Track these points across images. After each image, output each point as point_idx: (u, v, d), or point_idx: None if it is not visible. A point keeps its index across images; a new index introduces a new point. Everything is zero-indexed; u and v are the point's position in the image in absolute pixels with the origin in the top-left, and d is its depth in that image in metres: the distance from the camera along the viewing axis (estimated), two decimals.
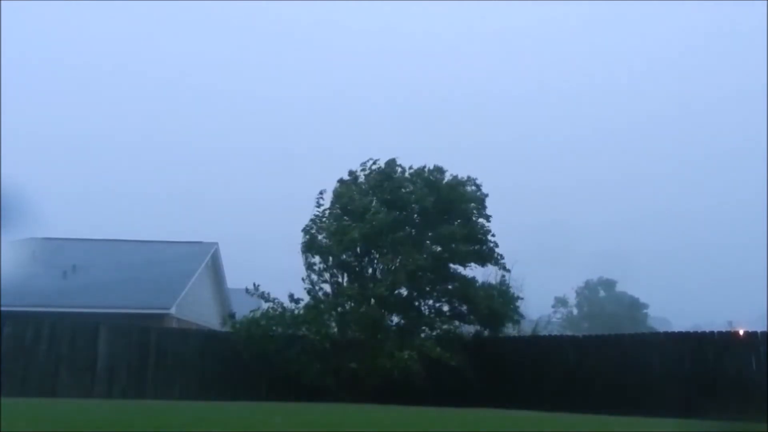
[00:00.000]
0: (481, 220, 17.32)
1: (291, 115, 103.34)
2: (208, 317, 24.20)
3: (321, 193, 17.38)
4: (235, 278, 28.33)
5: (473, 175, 17.63)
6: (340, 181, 17.68)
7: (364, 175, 17.68)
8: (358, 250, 16.66)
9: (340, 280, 16.80)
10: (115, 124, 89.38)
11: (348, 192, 17.14)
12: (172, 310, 20.16)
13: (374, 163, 17.72)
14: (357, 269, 16.79)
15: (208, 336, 18.88)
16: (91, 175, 79.88)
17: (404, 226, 16.72)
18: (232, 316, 17.55)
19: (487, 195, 17.63)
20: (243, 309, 17.56)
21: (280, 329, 16.02)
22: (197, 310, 23.26)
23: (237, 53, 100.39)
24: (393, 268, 16.31)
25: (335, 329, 15.58)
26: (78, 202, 60.59)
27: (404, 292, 16.73)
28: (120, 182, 78.83)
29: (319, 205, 17.32)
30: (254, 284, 16.71)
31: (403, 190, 17.15)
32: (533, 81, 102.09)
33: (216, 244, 26.49)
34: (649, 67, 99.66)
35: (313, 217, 17.20)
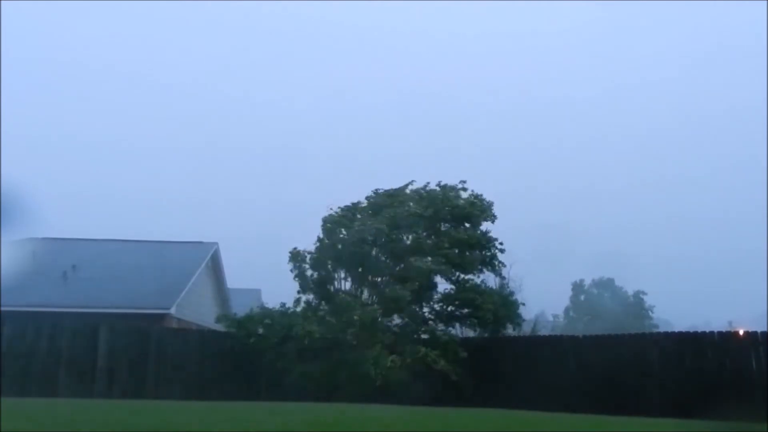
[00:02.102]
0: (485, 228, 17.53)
1: (291, 115, 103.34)
2: (208, 317, 24.19)
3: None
4: (235, 278, 28.39)
5: (474, 176, 17.85)
6: (329, 222, 17.46)
7: (359, 209, 17.75)
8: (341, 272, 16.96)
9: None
10: (115, 125, 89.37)
11: (338, 225, 17.19)
12: (172, 310, 20.15)
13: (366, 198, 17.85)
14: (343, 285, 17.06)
15: (208, 336, 18.87)
16: (91, 174, 79.90)
17: (392, 236, 16.79)
18: (225, 316, 17.82)
19: (492, 203, 17.78)
20: (243, 309, 17.60)
21: (276, 327, 16.12)
22: (197, 310, 23.25)
23: (237, 54, 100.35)
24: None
25: (332, 322, 15.65)
26: (78, 202, 60.54)
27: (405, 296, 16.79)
28: (120, 182, 78.86)
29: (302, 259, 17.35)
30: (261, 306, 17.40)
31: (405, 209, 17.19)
32: (536, 84, 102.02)
33: (216, 244, 26.49)
34: (653, 73, 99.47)
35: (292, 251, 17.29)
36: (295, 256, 17.06)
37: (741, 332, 13.83)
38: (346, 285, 17.14)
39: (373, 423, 8.95)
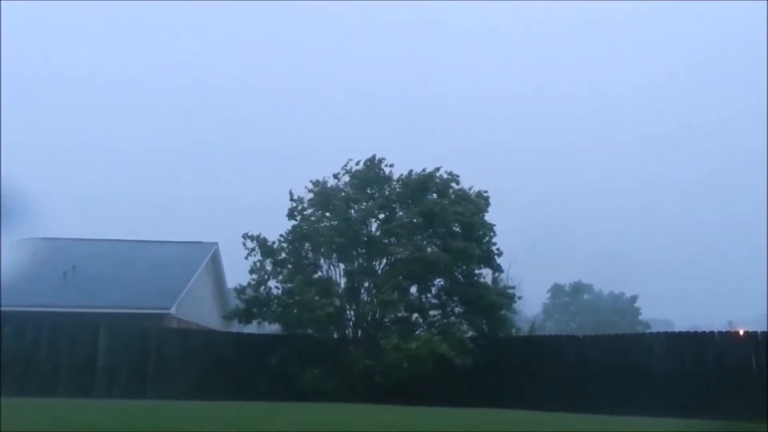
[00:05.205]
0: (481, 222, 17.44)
1: (290, 114, 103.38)
2: (208, 317, 24.17)
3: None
4: (235, 278, 28.28)
5: (475, 174, 17.78)
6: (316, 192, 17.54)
7: (347, 177, 17.72)
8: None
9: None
10: (114, 126, 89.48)
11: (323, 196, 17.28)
12: (172, 310, 20.13)
13: (356, 163, 17.75)
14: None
15: (208, 336, 18.86)
16: (91, 175, 79.96)
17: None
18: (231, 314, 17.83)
19: (486, 193, 17.70)
20: None
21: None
22: (197, 310, 23.23)
23: (235, 55, 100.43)
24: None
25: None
26: (78, 202, 60.64)
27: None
28: (120, 182, 78.94)
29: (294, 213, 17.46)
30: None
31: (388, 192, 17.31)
32: (537, 85, 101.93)
33: (216, 244, 26.45)
34: (654, 77, 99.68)
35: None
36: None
37: (741, 332, 13.84)
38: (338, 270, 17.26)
39: (373, 423, 8.94)
